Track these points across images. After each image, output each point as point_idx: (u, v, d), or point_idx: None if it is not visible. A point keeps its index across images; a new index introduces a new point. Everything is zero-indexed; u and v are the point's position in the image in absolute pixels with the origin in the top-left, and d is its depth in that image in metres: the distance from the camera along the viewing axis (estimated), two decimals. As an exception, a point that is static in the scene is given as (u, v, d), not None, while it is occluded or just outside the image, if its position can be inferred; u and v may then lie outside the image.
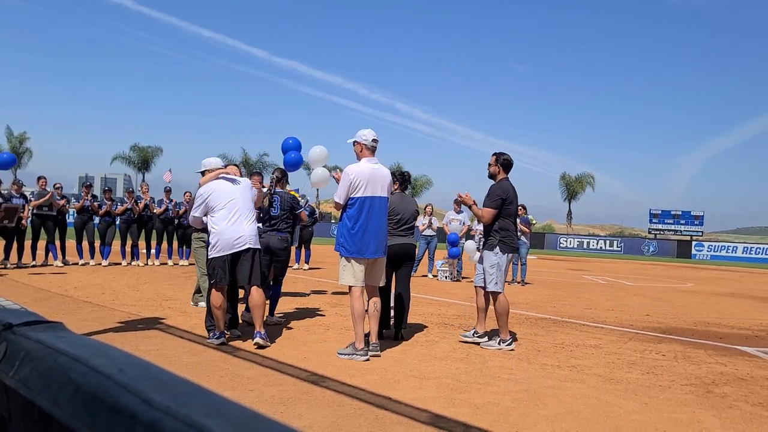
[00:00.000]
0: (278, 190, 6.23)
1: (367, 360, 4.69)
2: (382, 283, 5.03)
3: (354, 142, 4.97)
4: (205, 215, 5.07)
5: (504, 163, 5.53)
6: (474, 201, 5.73)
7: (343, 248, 4.82)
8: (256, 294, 5.05)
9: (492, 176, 5.56)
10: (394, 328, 5.68)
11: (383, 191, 4.85)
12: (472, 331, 5.57)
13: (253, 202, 5.24)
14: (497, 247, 5.38)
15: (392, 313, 5.76)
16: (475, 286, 5.67)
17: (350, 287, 4.86)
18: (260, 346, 4.93)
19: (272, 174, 6.40)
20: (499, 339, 5.35)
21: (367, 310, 4.91)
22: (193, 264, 12.71)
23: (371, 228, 4.76)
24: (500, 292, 5.38)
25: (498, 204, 5.37)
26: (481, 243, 5.68)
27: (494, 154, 5.58)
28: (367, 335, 4.91)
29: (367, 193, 4.75)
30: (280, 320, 6.25)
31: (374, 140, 4.91)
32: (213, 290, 5.04)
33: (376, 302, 4.96)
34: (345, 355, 4.74)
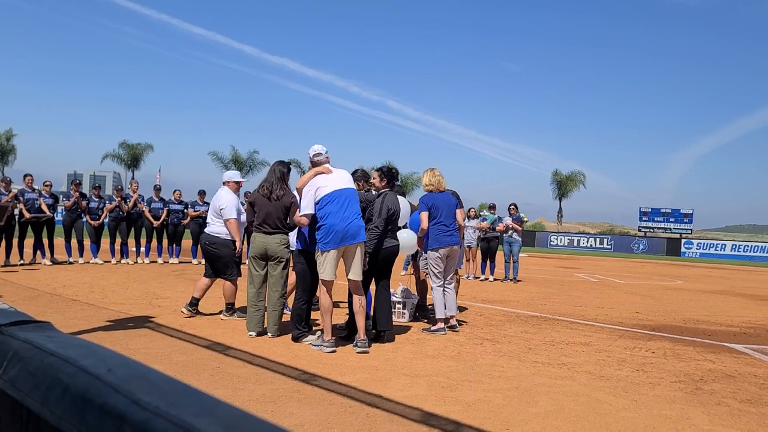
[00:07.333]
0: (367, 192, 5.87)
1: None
2: (356, 277, 5.03)
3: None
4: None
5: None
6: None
7: (320, 243, 4.93)
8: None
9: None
10: (376, 330, 5.49)
11: (348, 184, 5.08)
12: None
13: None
14: None
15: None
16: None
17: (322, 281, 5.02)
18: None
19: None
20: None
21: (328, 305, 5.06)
22: (184, 262, 12.73)
23: (335, 218, 4.87)
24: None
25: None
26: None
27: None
28: (355, 330, 5.07)
29: (330, 188, 4.94)
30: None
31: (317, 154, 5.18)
32: None
33: (360, 299, 5.05)
34: (315, 345, 4.97)
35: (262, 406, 3.34)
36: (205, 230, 6.46)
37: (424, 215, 6.06)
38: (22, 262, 10.87)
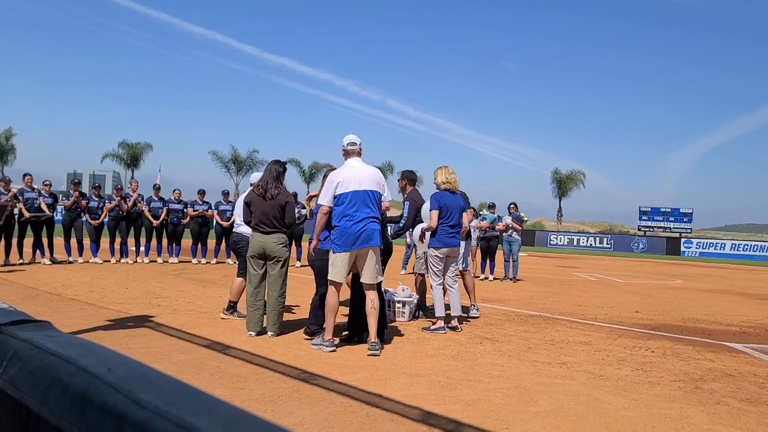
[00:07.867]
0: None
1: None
2: (369, 280, 5.01)
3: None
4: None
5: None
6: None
7: (333, 244, 4.95)
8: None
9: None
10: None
11: (370, 185, 4.99)
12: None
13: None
14: None
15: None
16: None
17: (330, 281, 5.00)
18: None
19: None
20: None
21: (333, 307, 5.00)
22: (183, 261, 12.72)
23: (349, 220, 4.87)
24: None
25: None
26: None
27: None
28: (366, 333, 5.03)
29: (350, 188, 4.91)
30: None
31: (350, 144, 5.18)
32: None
33: (374, 300, 5.00)
34: (315, 345, 4.98)
35: (261, 406, 3.34)
36: (235, 230, 6.57)
37: (434, 213, 6.06)
38: (21, 261, 10.88)
